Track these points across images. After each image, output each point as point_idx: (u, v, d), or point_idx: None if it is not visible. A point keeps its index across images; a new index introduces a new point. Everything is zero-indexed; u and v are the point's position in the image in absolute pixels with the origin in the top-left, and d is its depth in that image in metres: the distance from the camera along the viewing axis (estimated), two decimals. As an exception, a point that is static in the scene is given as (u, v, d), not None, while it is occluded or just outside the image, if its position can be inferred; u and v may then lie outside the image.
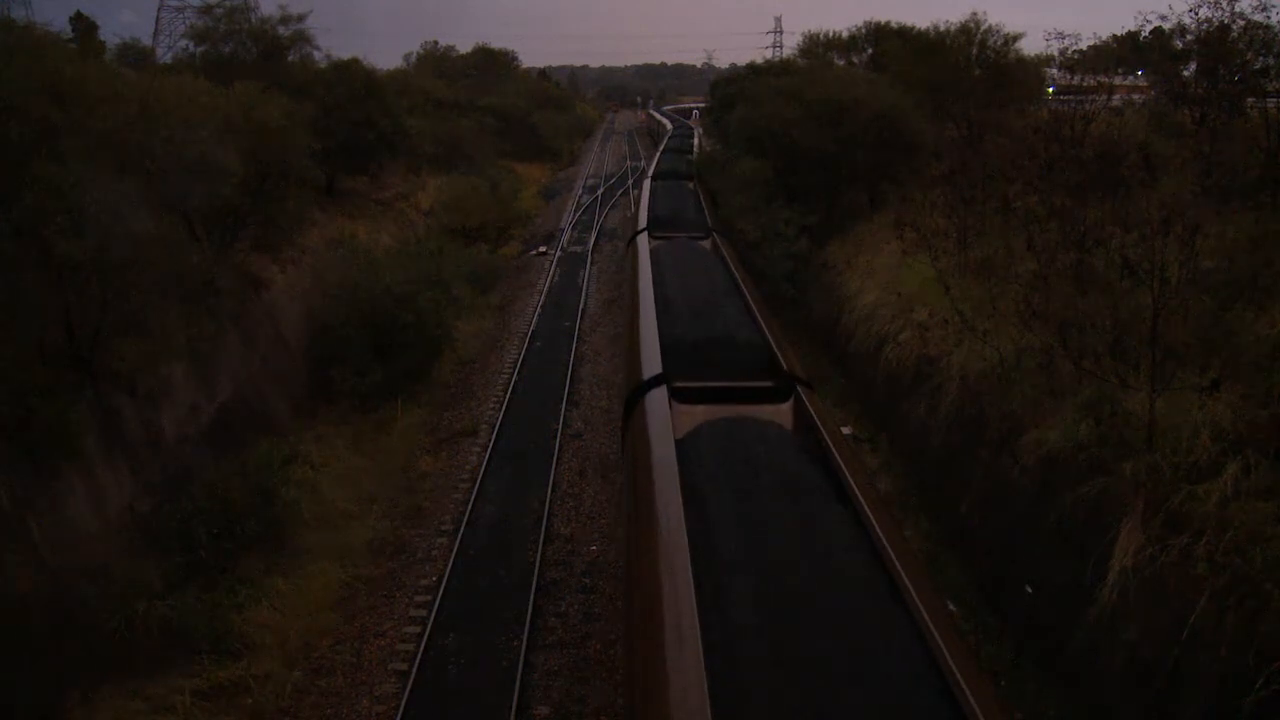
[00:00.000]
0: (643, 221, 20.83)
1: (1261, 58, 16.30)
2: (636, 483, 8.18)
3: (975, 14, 26.08)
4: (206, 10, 30.62)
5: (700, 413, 9.19)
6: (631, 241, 19.66)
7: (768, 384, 9.89)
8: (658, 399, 9.42)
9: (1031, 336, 12.35)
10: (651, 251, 17.40)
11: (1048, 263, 13.74)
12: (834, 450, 8.02)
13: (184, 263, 14.15)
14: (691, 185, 31.24)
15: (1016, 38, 25.95)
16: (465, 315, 25.74)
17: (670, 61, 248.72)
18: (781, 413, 9.43)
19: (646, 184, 30.35)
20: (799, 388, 9.66)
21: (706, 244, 19.30)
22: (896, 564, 6.10)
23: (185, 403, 15.21)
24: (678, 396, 9.46)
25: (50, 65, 13.87)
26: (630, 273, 17.12)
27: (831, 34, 40.12)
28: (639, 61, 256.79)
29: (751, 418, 9.09)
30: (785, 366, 10.44)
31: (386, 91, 30.54)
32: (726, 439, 8.55)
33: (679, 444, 8.31)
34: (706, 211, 24.59)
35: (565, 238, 38.43)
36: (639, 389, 9.95)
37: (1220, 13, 16.14)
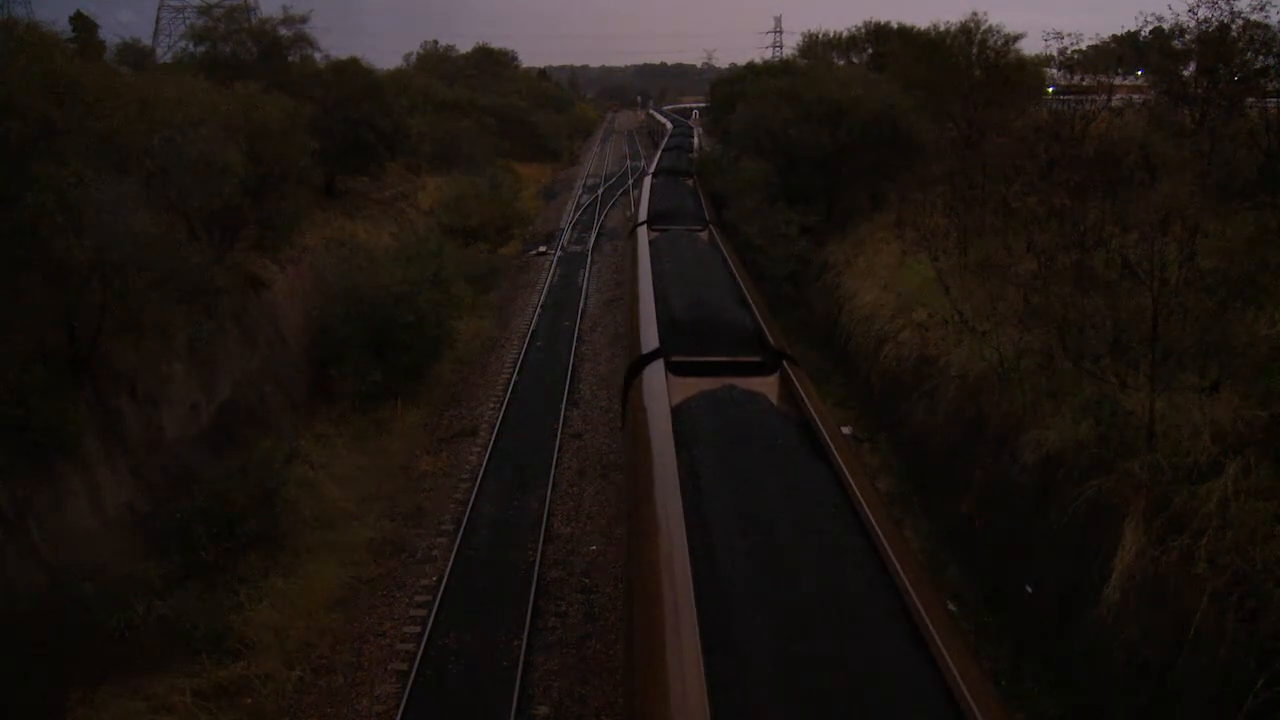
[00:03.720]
0: (642, 215, 22.95)
1: (1261, 58, 16.28)
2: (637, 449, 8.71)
3: (975, 14, 26.06)
4: (206, 10, 30.60)
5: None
6: (632, 234, 21.87)
7: (756, 359, 10.44)
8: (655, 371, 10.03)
9: (1031, 337, 12.36)
10: (651, 243, 18.81)
11: (1047, 263, 13.72)
12: (823, 430, 8.16)
13: (184, 263, 14.14)
14: (691, 183, 32.42)
15: (1016, 38, 25.89)
16: (465, 315, 25.73)
17: (670, 61, 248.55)
18: (768, 385, 9.78)
19: (647, 181, 32.47)
20: (785, 363, 10.14)
21: (704, 235, 20.97)
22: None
23: (185, 403, 15.20)
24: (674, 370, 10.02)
25: (50, 64, 13.86)
26: (630, 254, 19.26)
27: (831, 34, 40.20)
28: (639, 61, 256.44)
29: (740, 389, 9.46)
30: (773, 343, 10.97)
31: (386, 91, 30.47)
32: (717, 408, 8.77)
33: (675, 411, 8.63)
34: (705, 206, 25.98)
35: (565, 237, 38.42)
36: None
37: (1219, 13, 16.15)
